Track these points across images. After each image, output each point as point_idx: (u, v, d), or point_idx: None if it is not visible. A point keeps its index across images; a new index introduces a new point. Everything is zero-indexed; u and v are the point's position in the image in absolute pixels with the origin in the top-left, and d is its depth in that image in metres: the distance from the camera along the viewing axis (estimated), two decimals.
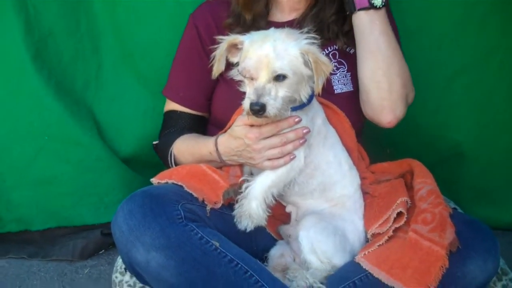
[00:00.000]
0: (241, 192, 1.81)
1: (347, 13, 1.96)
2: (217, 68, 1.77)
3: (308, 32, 1.72)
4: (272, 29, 1.74)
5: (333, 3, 2.04)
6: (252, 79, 1.67)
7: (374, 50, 1.92)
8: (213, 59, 1.77)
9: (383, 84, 1.93)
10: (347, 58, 2.08)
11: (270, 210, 1.80)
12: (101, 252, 2.59)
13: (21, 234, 2.62)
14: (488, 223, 2.56)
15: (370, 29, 1.92)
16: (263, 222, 1.79)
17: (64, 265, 2.49)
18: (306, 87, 1.72)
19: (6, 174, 2.54)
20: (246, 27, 2.02)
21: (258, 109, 1.63)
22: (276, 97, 1.65)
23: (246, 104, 1.66)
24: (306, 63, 1.67)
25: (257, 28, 1.96)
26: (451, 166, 2.63)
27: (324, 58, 1.69)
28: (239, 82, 1.77)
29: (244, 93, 1.72)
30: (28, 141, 2.51)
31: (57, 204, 2.58)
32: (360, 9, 1.92)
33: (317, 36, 1.72)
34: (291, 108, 1.76)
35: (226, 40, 1.74)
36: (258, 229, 1.82)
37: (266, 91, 1.64)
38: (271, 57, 1.63)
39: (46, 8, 2.47)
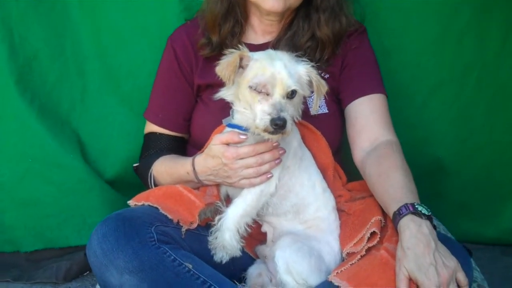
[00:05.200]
0: (219, 211, 1.83)
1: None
2: (233, 78, 1.72)
3: (299, 56, 1.78)
4: (270, 50, 1.81)
5: (307, 29, 2.06)
6: (267, 94, 1.68)
7: None
8: (227, 68, 1.70)
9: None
10: None
11: (243, 241, 1.82)
12: (85, 274, 2.59)
13: (6, 256, 2.64)
14: (470, 238, 2.60)
15: None
16: (237, 253, 1.81)
17: (48, 287, 2.50)
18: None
19: None
20: (217, 47, 2.06)
21: (282, 125, 1.63)
22: (288, 115, 1.68)
23: (265, 120, 1.64)
24: (309, 83, 1.74)
25: (229, 48, 1.93)
26: (432, 181, 2.63)
27: (322, 80, 1.77)
28: (230, 104, 1.82)
29: (224, 112, 1.78)
30: (15, 163, 2.54)
31: (43, 226, 2.59)
32: None
33: (309, 59, 1.78)
34: None
35: (238, 52, 1.73)
36: None
37: (284, 107, 1.66)
38: (283, 74, 1.67)
39: (31, 33, 2.50)
